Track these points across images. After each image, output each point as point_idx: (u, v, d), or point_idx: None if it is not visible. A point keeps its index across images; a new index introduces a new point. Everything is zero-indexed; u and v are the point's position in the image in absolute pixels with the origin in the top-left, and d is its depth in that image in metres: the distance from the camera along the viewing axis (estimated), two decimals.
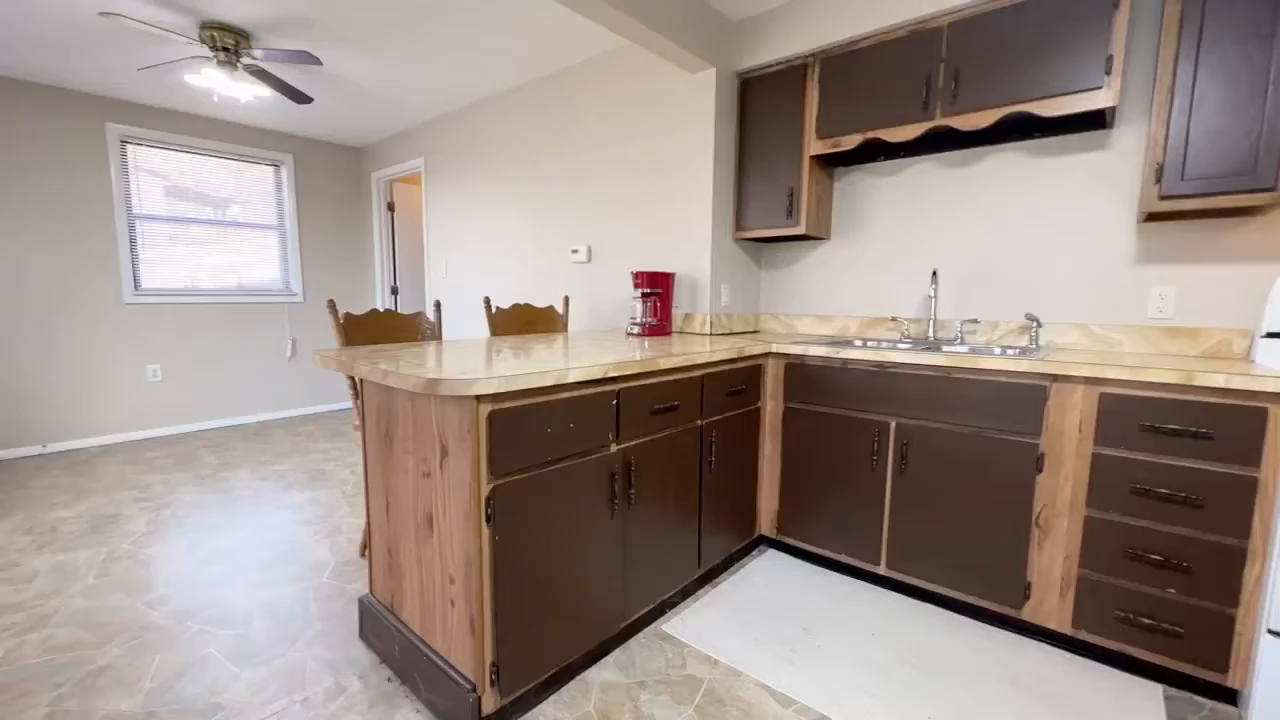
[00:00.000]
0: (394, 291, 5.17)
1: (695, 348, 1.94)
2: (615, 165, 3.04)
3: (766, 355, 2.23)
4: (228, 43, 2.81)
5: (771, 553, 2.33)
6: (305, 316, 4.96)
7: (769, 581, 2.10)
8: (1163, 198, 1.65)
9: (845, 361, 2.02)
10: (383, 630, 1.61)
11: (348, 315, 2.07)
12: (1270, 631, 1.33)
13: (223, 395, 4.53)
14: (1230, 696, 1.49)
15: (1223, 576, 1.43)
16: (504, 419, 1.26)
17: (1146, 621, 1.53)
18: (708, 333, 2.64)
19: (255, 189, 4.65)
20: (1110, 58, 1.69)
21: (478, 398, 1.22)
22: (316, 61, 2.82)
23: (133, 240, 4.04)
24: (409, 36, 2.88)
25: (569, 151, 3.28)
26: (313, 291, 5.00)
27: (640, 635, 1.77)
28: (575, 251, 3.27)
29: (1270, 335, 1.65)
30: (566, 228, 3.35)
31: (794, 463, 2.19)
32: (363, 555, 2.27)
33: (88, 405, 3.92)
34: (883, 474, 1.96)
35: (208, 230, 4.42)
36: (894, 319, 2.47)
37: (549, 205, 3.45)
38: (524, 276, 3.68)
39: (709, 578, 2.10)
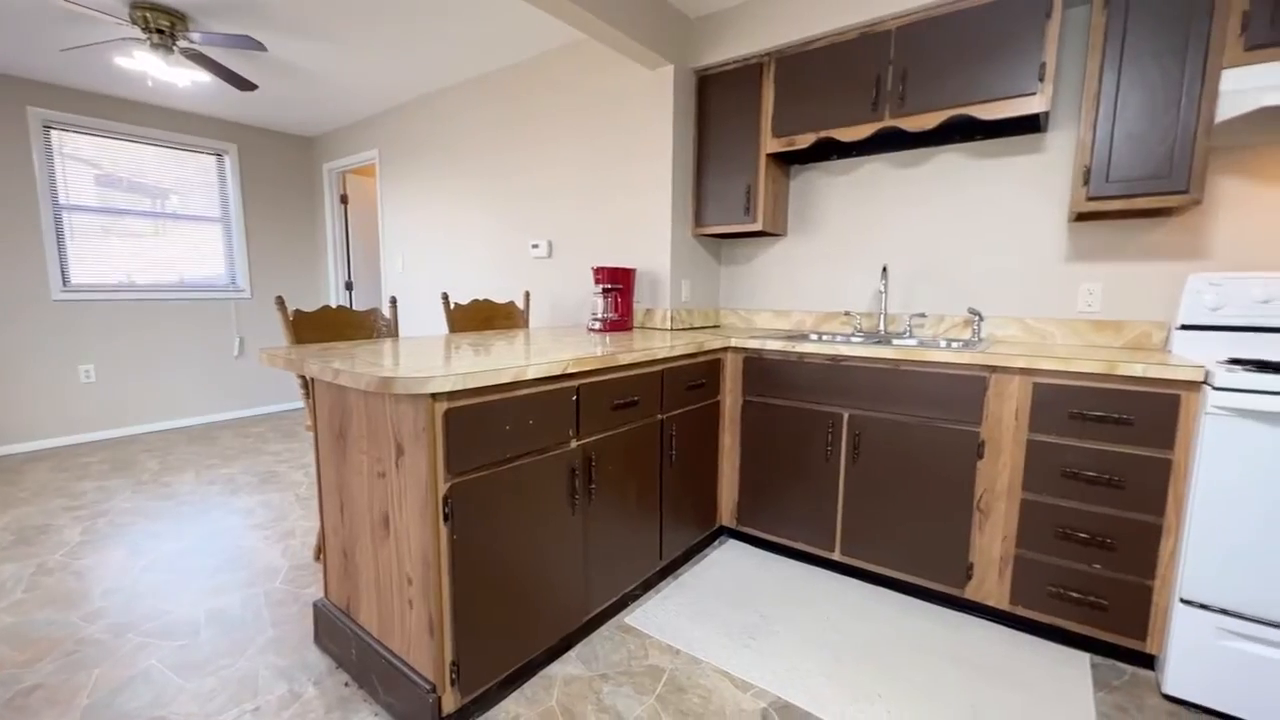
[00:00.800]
0: (348, 287, 5.01)
1: (656, 343, 1.96)
2: (576, 160, 3.02)
3: (725, 350, 2.27)
4: (162, 24, 2.66)
5: (731, 543, 2.38)
6: (253, 313, 4.76)
7: (729, 571, 2.15)
8: (1090, 199, 1.76)
9: (801, 355, 2.07)
10: (339, 634, 1.58)
11: (297, 312, 2.01)
12: (1182, 600, 1.45)
13: (164, 396, 4.31)
14: (1148, 661, 1.62)
15: (1142, 551, 1.55)
16: (461, 417, 1.25)
17: (1075, 595, 1.64)
18: (668, 328, 2.67)
19: (197, 179, 4.43)
20: (1043, 65, 1.79)
21: (433, 396, 1.20)
22: (260, 47, 2.70)
23: (59, 232, 3.79)
24: (360, 23, 2.79)
25: (529, 145, 3.25)
26: (261, 287, 4.80)
27: (603, 628, 1.78)
28: (536, 246, 3.24)
29: (1184, 327, 1.79)
30: (527, 222, 3.32)
31: (752, 454, 2.24)
32: (317, 559, 2.21)
33: (12, 409, 3.67)
34: (836, 464, 2.03)
35: (145, 223, 4.18)
36: (847, 313, 2.55)
37: (509, 199, 3.40)
38: (484, 272, 3.63)
39: (670, 569, 2.14)
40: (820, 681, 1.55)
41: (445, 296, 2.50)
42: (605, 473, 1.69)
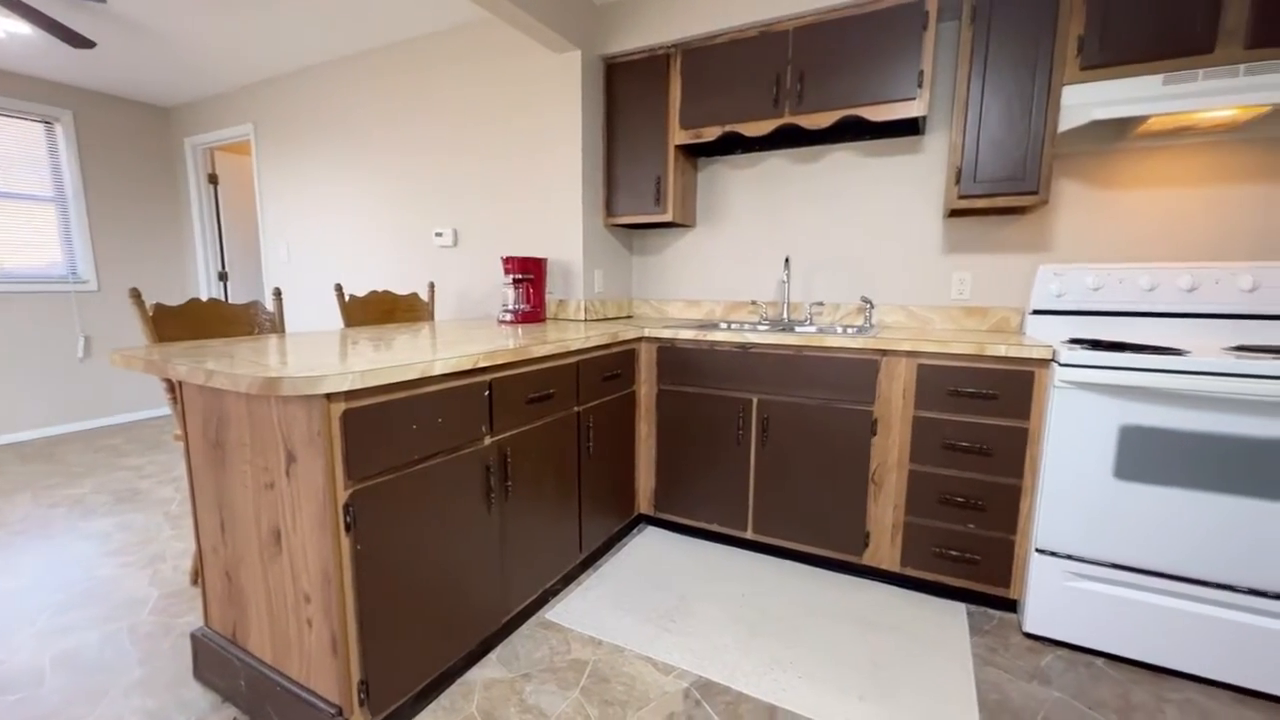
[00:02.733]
0: (222, 278, 4.49)
1: (570, 334, 1.93)
2: (482, 144, 2.90)
3: (640, 340, 2.28)
4: None
5: (650, 530, 2.42)
6: (101, 308, 4.14)
7: (648, 558, 2.18)
8: (961, 197, 1.95)
9: (712, 344, 2.13)
10: (224, 665, 1.42)
11: (158, 306, 1.77)
12: (1037, 550, 1.67)
13: None
14: (1012, 606, 1.85)
15: (1005, 510, 1.76)
16: (360, 418, 1.16)
17: (954, 554, 1.84)
18: (582, 319, 2.64)
19: (19, 152, 3.75)
20: (921, 72, 1.95)
21: (328, 396, 1.10)
22: None
23: None
24: None
25: (431, 126, 3.06)
26: (111, 279, 4.18)
27: (524, 627, 1.75)
28: (440, 234, 3.08)
29: (1036, 312, 2.04)
30: (430, 209, 3.14)
31: (668, 442, 2.29)
32: (195, 583, 1.97)
33: None
34: (747, 447, 2.12)
35: None
36: (754, 302, 2.66)
37: (410, 184, 3.20)
38: (383, 261, 3.39)
39: (591, 561, 2.13)
40: (737, 656, 1.62)
41: (339, 288, 2.31)
42: (522, 468, 1.65)
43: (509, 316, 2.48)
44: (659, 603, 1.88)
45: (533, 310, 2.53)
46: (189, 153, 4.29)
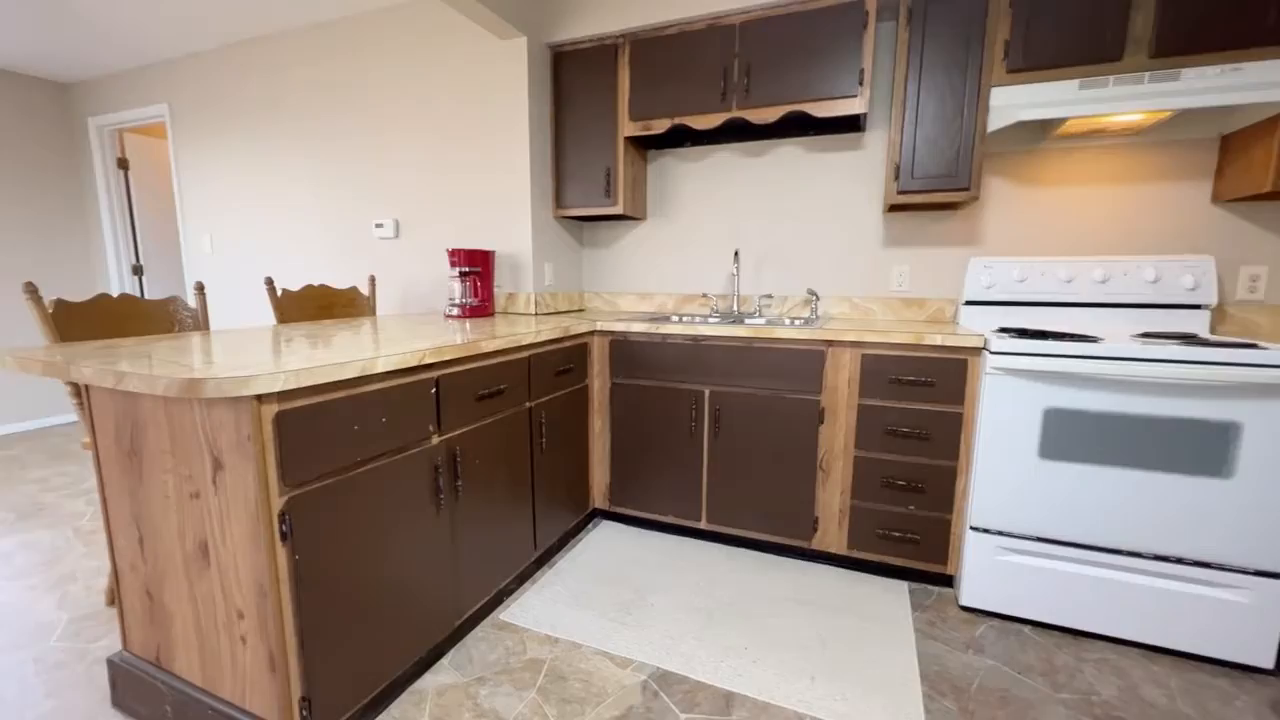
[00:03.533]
0: (136, 272, 4.14)
1: (520, 328, 1.89)
2: (425, 132, 2.78)
3: (592, 333, 2.26)
4: None
5: (605, 524, 2.42)
6: None
7: (604, 552, 2.18)
8: (900, 192, 2.02)
9: (665, 336, 2.14)
10: (147, 691, 1.32)
11: (59, 303, 1.60)
12: (972, 528, 1.77)
13: None
14: (949, 581, 1.95)
15: (943, 491, 1.85)
16: (296, 420, 1.09)
17: (896, 534, 1.92)
18: (533, 312, 2.59)
19: None
20: (862, 70, 2.01)
21: (259, 397, 1.03)
22: None
23: None
24: None
25: (368, 111, 2.91)
26: (3, 273, 3.77)
27: (477, 629, 1.71)
28: (380, 225, 2.94)
29: (968, 303, 2.15)
30: (369, 198, 2.99)
31: (622, 435, 2.28)
32: (111, 604, 1.82)
33: None
34: (700, 438, 2.14)
35: None
36: (705, 295, 2.69)
37: (346, 172, 3.03)
38: (318, 254, 3.21)
39: (546, 558, 2.11)
40: (693, 645, 1.64)
41: (270, 281, 2.17)
42: (472, 467, 1.60)
43: (456, 311, 2.41)
44: (615, 597, 1.88)
45: (481, 304, 2.47)
46: (94, 134, 3.92)
